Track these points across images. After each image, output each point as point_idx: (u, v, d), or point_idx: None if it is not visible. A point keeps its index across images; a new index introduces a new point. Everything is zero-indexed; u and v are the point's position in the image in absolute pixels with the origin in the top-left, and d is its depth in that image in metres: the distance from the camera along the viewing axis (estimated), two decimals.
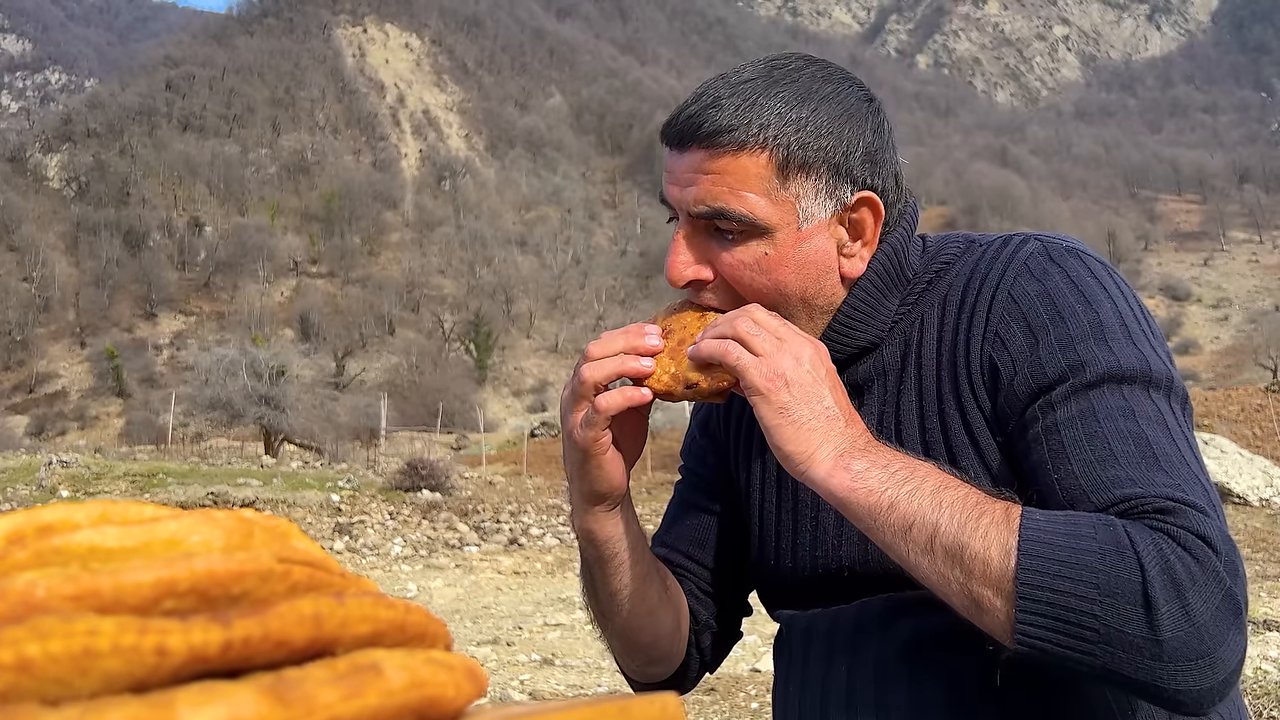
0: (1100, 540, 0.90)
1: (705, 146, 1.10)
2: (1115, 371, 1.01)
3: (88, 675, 0.25)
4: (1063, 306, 1.06)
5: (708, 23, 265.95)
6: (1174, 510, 0.91)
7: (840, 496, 0.98)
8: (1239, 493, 14.67)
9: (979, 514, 0.93)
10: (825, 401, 1.01)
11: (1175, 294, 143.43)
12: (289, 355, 32.87)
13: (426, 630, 0.33)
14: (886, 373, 1.19)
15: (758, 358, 1.02)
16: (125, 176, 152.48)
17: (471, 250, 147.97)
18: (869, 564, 1.16)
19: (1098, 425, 0.98)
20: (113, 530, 0.31)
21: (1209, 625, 0.87)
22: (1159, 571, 0.87)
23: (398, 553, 13.83)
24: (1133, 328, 1.05)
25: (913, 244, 1.21)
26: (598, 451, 1.13)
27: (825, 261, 1.14)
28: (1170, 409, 1.01)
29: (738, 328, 1.04)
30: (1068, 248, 1.12)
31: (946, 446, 1.11)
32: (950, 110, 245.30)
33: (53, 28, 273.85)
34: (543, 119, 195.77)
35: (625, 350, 1.10)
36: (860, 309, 1.17)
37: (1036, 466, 1.02)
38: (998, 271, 1.12)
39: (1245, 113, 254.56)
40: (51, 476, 16.59)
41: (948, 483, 0.97)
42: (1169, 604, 0.86)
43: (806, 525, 1.24)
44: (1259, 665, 6.43)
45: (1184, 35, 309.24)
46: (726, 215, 1.10)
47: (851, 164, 1.13)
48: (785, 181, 1.10)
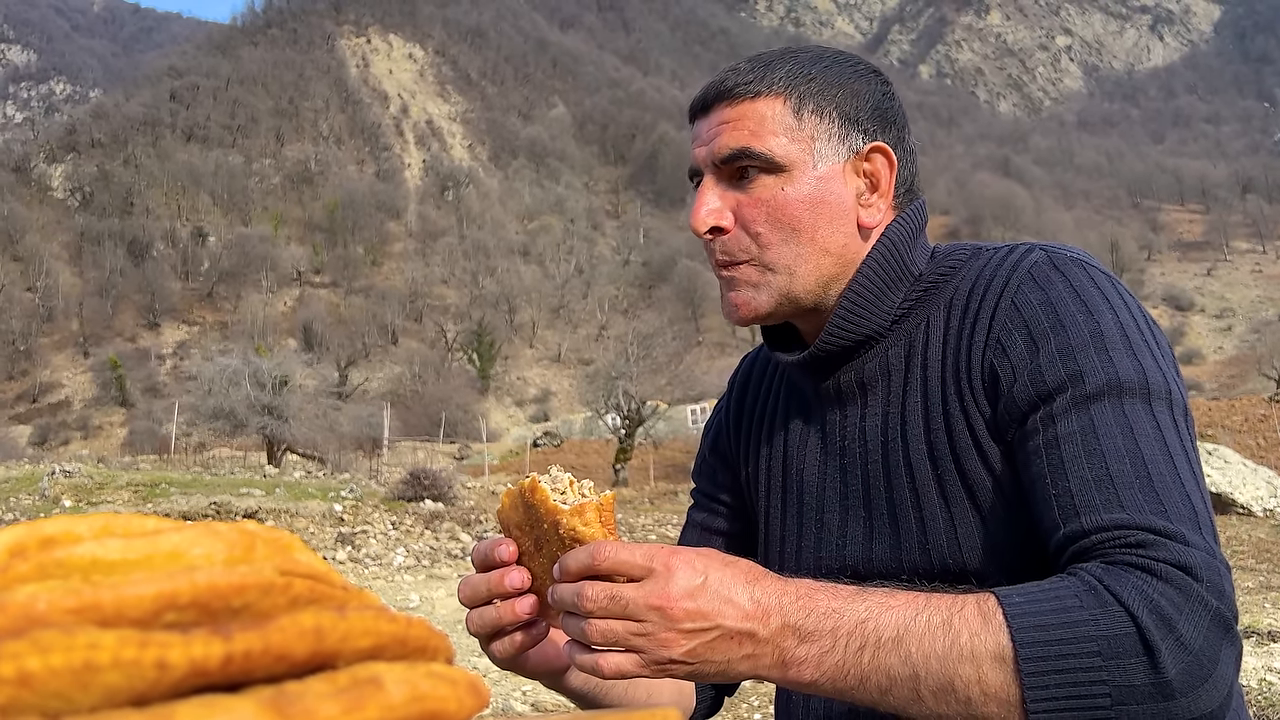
0: (1087, 606, 0.89)
1: (726, 101, 1.16)
2: (1115, 383, 1.01)
3: (89, 689, 0.25)
4: (1064, 315, 1.07)
5: (710, 33, 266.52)
6: (1153, 543, 0.92)
7: (816, 689, 0.95)
8: (1243, 503, 14.62)
9: (952, 634, 0.91)
10: (727, 621, 0.93)
11: (1178, 304, 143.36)
12: (292, 365, 32.87)
13: (428, 643, 0.33)
14: (891, 373, 1.20)
15: (646, 651, 0.94)
16: (129, 187, 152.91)
17: (474, 260, 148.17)
18: (873, 563, 1.18)
19: (1096, 443, 0.99)
20: (115, 543, 0.31)
21: (1205, 649, 0.88)
22: (1147, 613, 0.88)
23: (400, 563, 13.81)
24: (1134, 338, 1.05)
25: (919, 242, 1.22)
26: (525, 665, 1.11)
27: (840, 205, 1.16)
28: (1172, 422, 1.01)
29: (604, 633, 0.94)
30: (1072, 257, 1.13)
31: (951, 448, 1.12)
32: (953, 120, 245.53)
33: (57, 38, 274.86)
34: (546, 129, 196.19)
35: (494, 596, 1.06)
36: (864, 296, 1.18)
37: (1035, 479, 1.03)
38: (1001, 279, 1.13)
39: (1248, 123, 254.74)
40: (54, 486, 16.58)
41: (898, 611, 0.93)
42: (1165, 641, 0.87)
43: (811, 527, 1.25)
44: (1264, 677, 6.40)
45: (1186, 45, 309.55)
46: (749, 154, 1.14)
47: (861, 115, 1.16)
48: (800, 122, 1.14)
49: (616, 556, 0.95)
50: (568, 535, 0.99)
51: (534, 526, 1.03)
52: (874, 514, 1.19)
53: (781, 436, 1.32)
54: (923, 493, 1.14)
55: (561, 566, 0.98)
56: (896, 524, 1.16)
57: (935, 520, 1.12)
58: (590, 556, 0.96)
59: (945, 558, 1.12)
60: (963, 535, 1.11)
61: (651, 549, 0.95)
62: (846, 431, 1.23)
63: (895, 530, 1.16)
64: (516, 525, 1.06)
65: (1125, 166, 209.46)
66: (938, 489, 1.12)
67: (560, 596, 0.98)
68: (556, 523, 1.00)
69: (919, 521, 1.14)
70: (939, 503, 1.12)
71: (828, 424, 1.25)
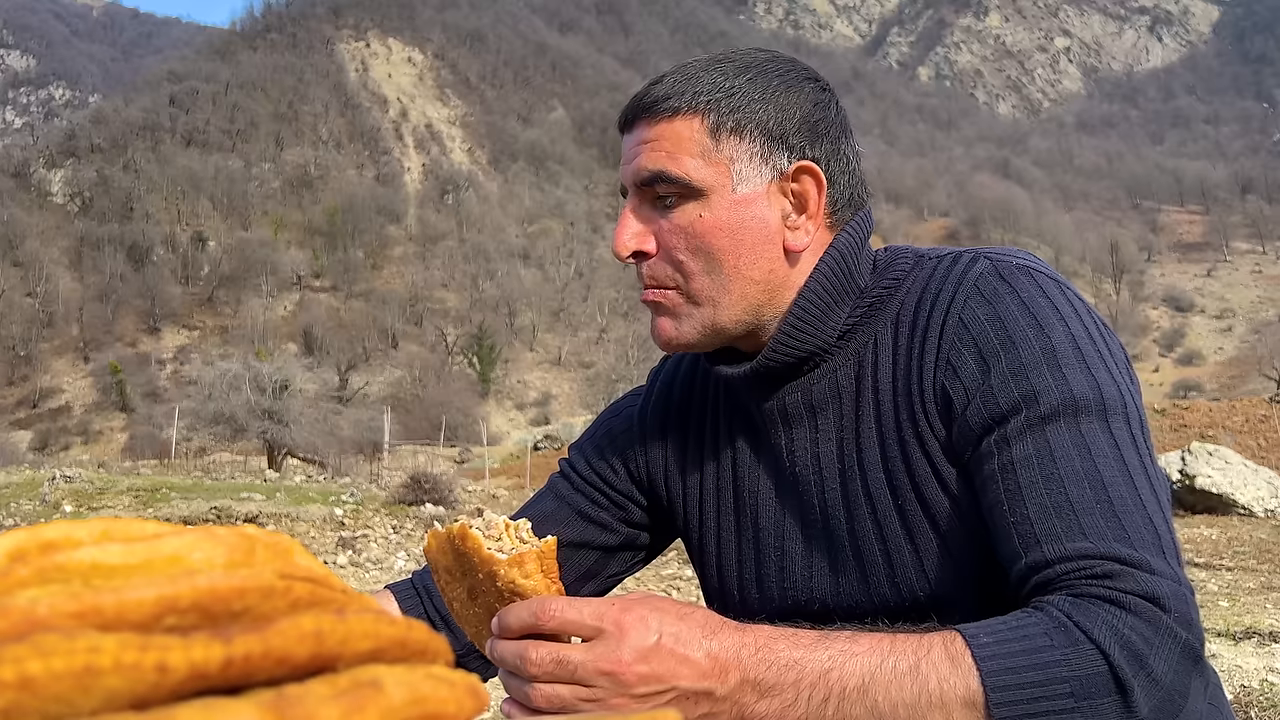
0: (1058, 645, 0.87)
1: (646, 119, 1.11)
2: (1070, 402, 0.98)
3: (90, 693, 0.25)
4: (1014, 331, 1.03)
5: (710, 36, 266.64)
6: (1119, 574, 0.90)
7: None
8: (1244, 504, 14.61)
9: (920, 680, 0.87)
10: (683, 682, 0.88)
11: (1179, 305, 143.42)
12: (292, 369, 32.85)
13: (428, 646, 0.33)
14: (842, 395, 1.15)
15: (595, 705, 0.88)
16: (129, 192, 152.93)
17: (474, 264, 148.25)
18: (840, 596, 1.14)
19: (1054, 467, 0.96)
20: (115, 547, 0.31)
21: (1175, 683, 0.87)
22: (1119, 650, 0.86)
23: (402, 567, 13.79)
24: (1087, 350, 1.02)
25: (864, 253, 1.17)
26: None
27: (763, 230, 1.10)
28: (1130, 437, 0.99)
29: (549, 699, 0.89)
30: (1019, 264, 1.09)
31: (909, 476, 1.08)
32: (952, 122, 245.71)
33: (57, 44, 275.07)
34: (545, 132, 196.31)
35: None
36: (811, 312, 1.12)
37: (993, 506, 1.00)
38: (948, 293, 1.08)
39: (1247, 123, 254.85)
40: (55, 491, 16.58)
41: (863, 659, 0.89)
42: (1137, 678, 0.85)
43: (771, 555, 1.20)
44: (1265, 677, 6.40)
45: (1185, 46, 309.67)
46: (664, 177, 1.08)
47: (787, 131, 1.10)
48: (718, 144, 1.09)
49: (563, 615, 0.89)
50: (506, 588, 0.93)
51: (467, 574, 0.96)
52: (835, 545, 1.14)
53: (729, 456, 1.25)
54: (885, 525, 1.09)
55: (501, 623, 0.92)
56: (861, 557, 1.12)
57: (900, 553, 1.08)
58: (533, 615, 0.90)
59: (915, 590, 1.08)
60: (929, 567, 1.07)
61: (600, 606, 0.89)
62: (797, 457, 1.17)
63: (860, 563, 1.12)
64: (446, 569, 0.99)
65: (1125, 168, 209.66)
66: (900, 521, 1.08)
67: (501, 656, 0.92)
68: (493, 574, 0.93)
69: (884, 554, 1.10)
70: (903, 534, 1.08)
71: (778, 448, 1.19)
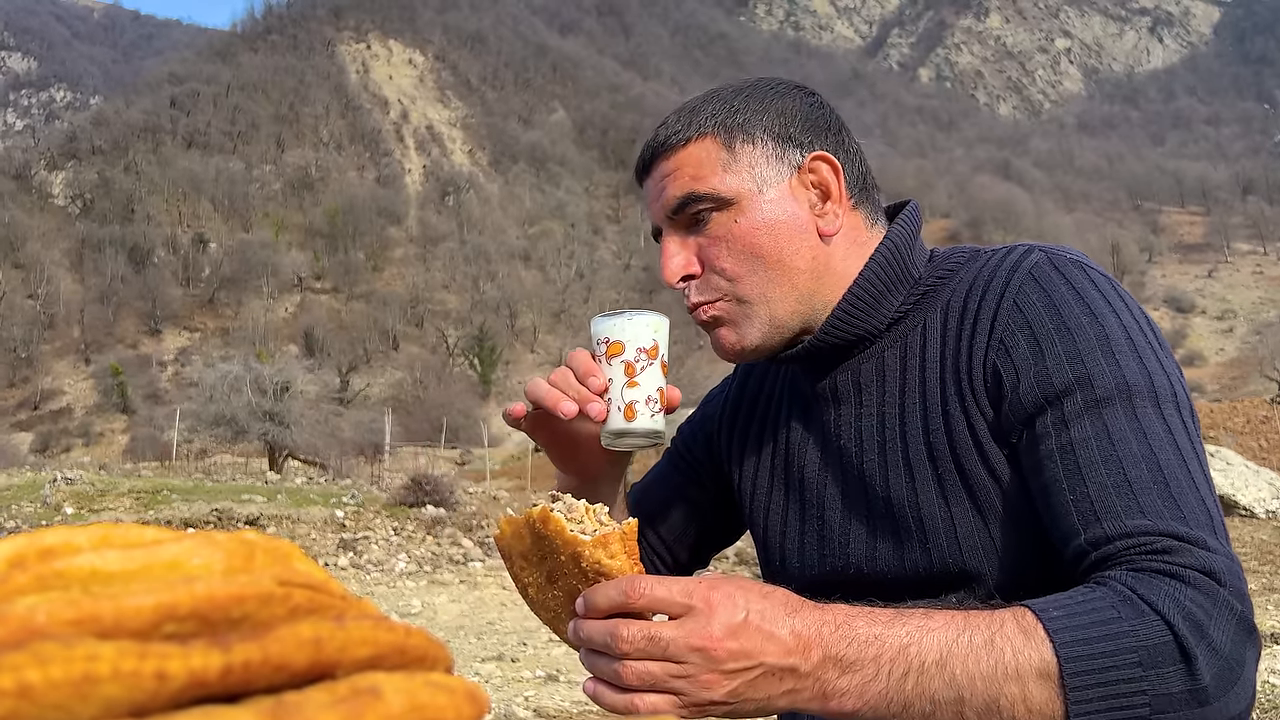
0: (1125, 616, 0.89)
1: (662, 157, 1.19)
2: (1124, 387, 1.01)
3: (88, 701, 0.25)
4: (1068, 317, 1.06)
5: (710, 37, 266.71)
6: (1178, 549, 0.93)
7: (854, 718, 0.93)
8: (1245, 505, 14.61)
9: (996, 653, 0.90)
10: (770, 658, 0.90)
11: (1179, 306, 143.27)
12: (293, 371, 32.87)
13: (427, 653, 0.33)
14: (887, 373, 1.19)
15: (686, 693, 0.91)
16: (130, 193, 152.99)
17: (475, 265, 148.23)
18: (876, 564, 1.17)
19: (1112, 448, 0.99)
20: (114, 554, 0.31)
21: (1233, 652, 0.89)
22: (1182, 620, 0.88)
23: (402, 569, 13.79)
24: (1138, 340, 1.05)
25: (918, 245, 1.23)
26: (551, 432, 1.31)
27: (796, 222, 1.16)
28: (1181, 424, 1.02)
29: (641, 676, 0.90)
30: (1071, 259, 1.13)
31: (950, 447, 1.11)
32: (953, 123, 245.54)
33: (58, 46, 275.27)
34: (546, 134, 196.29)
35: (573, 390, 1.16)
36: (863, 298, 1.18)
37: (1049, 484, 1.02)
38: (1001, 279, 1.12)
39: (1248, 124, 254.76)
40: (56, 493, 16.57)
41: (939, 633, 0.92)
42: (1199, 647, 0.87)
43: (813, 525, 1.25)
44: (1267, 679, 6.40)
45: (1186, 47, 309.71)
46: (693, 197, 1.15)
47: (792, 130, 1.18)
48: (734, 155, 1.16)
49: (653, 593, 0.91)
50: (590, 569, 0.94)
51: (546, 558, 0.98)
52: (874, 513, 1.18)
53: (784, 435, 1.32)
54: (921, 493, 1.13)
55: (588, 602, 0.94)
56: (895, 523, 1.15)
57: (934, 520, 1.12)
58: (623, 593, 0.91)
59: (945, 557, 1.11)
60: (963, 535, 1.10)
61: (689, 584, 0.91)
62: (841, 431, 1.22)
63: (895, 530, 1.15)
64: (522, 555, 1.01)
65: (1125, 169, 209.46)
66: (937, 489, 1.12)
67: (589, 635, 0.93)
68: (577, 555, 0.94)
69: (918, 521, 1.13)
70: (939, 502, 1.11)
71: (826, 424, 1.25)
